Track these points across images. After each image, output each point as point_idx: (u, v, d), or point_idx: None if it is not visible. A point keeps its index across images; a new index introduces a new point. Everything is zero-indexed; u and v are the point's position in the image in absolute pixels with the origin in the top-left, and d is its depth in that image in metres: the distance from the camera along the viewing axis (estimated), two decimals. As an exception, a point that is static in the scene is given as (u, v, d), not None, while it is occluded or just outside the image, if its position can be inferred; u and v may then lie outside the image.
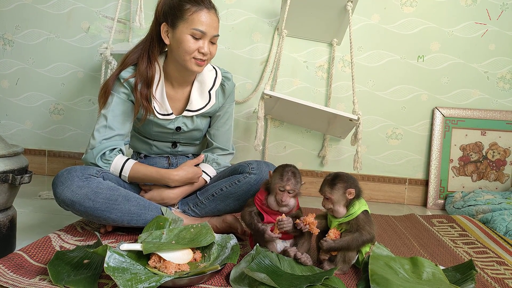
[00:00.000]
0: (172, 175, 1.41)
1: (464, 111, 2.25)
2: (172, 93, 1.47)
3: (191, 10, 1.33)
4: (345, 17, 2.06)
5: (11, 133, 2.43)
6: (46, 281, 1.01)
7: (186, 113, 1.48)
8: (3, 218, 1.17)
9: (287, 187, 1.18)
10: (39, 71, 2.38)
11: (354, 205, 1.18)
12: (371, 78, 2.27)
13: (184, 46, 1.34)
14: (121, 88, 1.41)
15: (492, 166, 2.24)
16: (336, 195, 1.17)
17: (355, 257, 1.19)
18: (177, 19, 1.35)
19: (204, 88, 1.49)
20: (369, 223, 1.18)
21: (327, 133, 2.27)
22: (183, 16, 1.33)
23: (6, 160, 1.15)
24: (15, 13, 2.36)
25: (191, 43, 1.34)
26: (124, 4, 2.27)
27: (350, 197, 1.17)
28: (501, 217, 1.72)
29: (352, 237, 1.16)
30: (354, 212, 1.18)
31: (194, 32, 1.33)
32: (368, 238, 1.16)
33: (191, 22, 1.33)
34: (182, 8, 1.34)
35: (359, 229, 1.16)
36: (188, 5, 1.34)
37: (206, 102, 1.49)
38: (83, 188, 1.26)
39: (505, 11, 2.20)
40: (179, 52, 1.36)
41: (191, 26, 1.33)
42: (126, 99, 1.42)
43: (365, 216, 1.18)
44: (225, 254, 1.17)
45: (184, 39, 1.34)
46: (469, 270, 1.13)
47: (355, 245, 1.16)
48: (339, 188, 1.17)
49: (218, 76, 1.51)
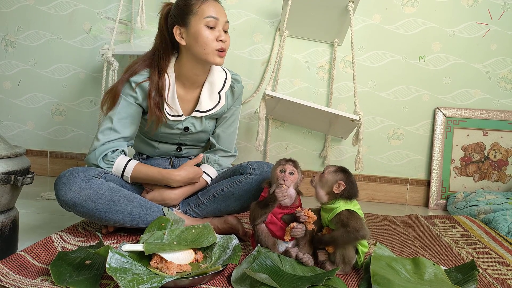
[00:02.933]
0: (174, 175, 1.42)
1: (465, 111, 2.24)
2: (183, 94, 1.49)
3: (197, 3, 1.37)
4: (346, 17, 2.06)
5: (13, 134, 2.44)
6: (48, 282, 1.01)
7: (195, 113, 1.49)
8: (5, 219, 1.18)
9: (286, 167, 1.23)
10: (41, 72, 2.39)
11: (338, 202, 1.19)
12: (373, 79, 2.27)
13: (202, 38, 1.37)
14: (130, 91, 1.42)
15: (494, 166, 2.24)
16: (329, 177, 1.21)
17: (354, 257, 1.18)
18: (187, 16, 1.38)
19: (214, 89, 1.50)
20: (354, 219, 1.16)
21: (328, 133, 2.27)
22: (192, 10, 1.37)
23: (8, 161, 1.16)
24: (17, 15, 2.37)
25: (207, 33, 1.37)
26: (126, 5, 2.28)
27: (335, 189, 1.19)
28: (503, 217, 1.71)
29: (338, 232, 1.17)
30: (336, 209, 1.18)
31: (207, 20, 1.36)
32: (355, 235, 1.14)
33: (201, 12, 1.37)
34: (189, 4, 1.38)
35: (344, 226, 1.16)
36: (194, 0, 1.38)
37: (215, 103, 1.51)
38: (85, 190, 1.27)
39: (507, 11, 2.20)
40: (198, 47, 1.38)
41: (203, 16, 1.36)
42: (133, 103, 1.42)
43: (349, 213, 1.17)
44: (227, 254, 1.17)
45: (200, 32, 1.37)
46: (471, 271, 1.13)
47: (341, 241, 1.16)
48: (336, 175, 1.21)
49: (228, 77, 1.53)
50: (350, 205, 1.19)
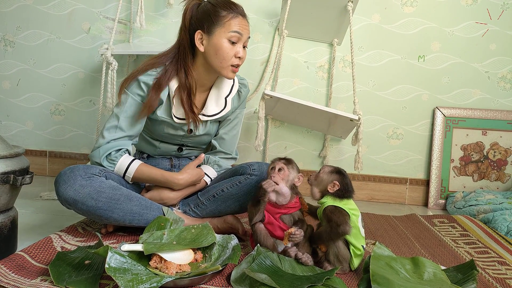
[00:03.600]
0: (177, 179, 1.42)
1: (465, 111, 2.24)
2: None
3: (227, 16, 1.36)
4: (346, 17, 2.06)
5: (12, 134, 2.44)
6: (47, 282, 1.01)
7: (201, 117, 1.49)
8: (4, 219, 1.17)
9: (276, 165, 1.24)
10: (40, 72, 2.39)
11: (326, 197, 1.21)
12: (372, 78, 2.27)
13: (222, 52, 1.36)
14: (137, 90, 1.41)
15: (493, 166, 2.24)
16: (324, 176, 1.23)
17: (347, 254, 1.18)
18: (214, 25, 1.36)
19: (221, 94, 1.51)
20: (337, 214, 1.17)
21: (327, 133, 2.27)
22: (220, 22, 1.36)
23: (7, 161, 1.15)
24: (16, 14, 2.37)
25: (228, 48, 1.37)
26: (125, 5, 2.28)
27: (330, 188, 1.21)
28: (502, 217, 1.72)
29: (322, 228, 1.20)
30: (324, 203, 1.20)
31: (231, 35, 1.36)
32: (336, 230, 1.15)
33: (228, 26, 1.36)
34: (218, 14, 1.36)
35: (328, 221, 1.18)
36: (224, 12, 1.36)
37: (221, 108, 1.51)
38: (86, 187, 1.27)
39: (506, 11, 2.20)
40: (217, 59, 1.38)
41: (229, 30, 1.35)
42: (140, 102, 1.42)
43: (334, 208, 1.18)
44: (226, 254, 1.17)
45: (222, 45, 1.36)
46: (470, 270, 1.13)
47: (326, 236, 1.17)
48: (331, 176, 1.23)
49: (235, 83, 1.54)
50: (340, 203, 1.19)
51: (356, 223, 1.19)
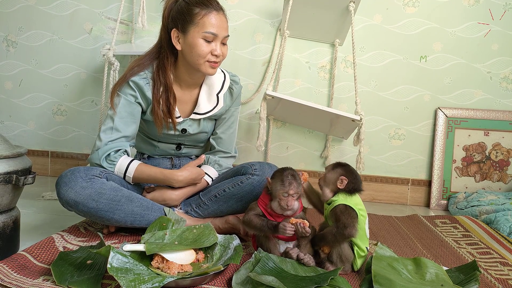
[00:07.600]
0: (176, 176, 1.42)
1: (467, 111, 2.24)
2: (180, 95, 1.48)
3: (200, 13, 1.34)
4: (347, 17, 2.05)
5: (15, 134, 2.44)
6: (49, 282, 1.01)
7: (193, 116, 1.49)
8: (6, 219, 1.18)
9: (291, 192, 1.16)
10: (42, 72, 2.39)
11: (338, 195, 1.19)
12: (374, 79, 2.27)
13: (197, 50, 1.35)
14: (128, 90, 1.41)
15: (495, 167, 2.23)
16: (330, 175, 1.21)
17: (351, 255, 1.18)
18: (187, 24, 1.35)
19: (212, 91, 1.50)
20: (347, 215, 1.15)
21: (329, 133, 2.27)
22: (193, 20, 1.34)
23: (9, 161, 1.16)
24: (18, 15, 2.37)
25: (204, 46, 1.35)
26: (127, 6, 2.28)
27: (339, 185, 1.19)
28: (504, 217, 1.71)
29: (328, 229, 1.18)
30: (335, 201, 1.18)
31: (206, 35, 1.34)
32: (342, 231, 1.14)
33: (202, 25, 1.34)
34: (192, 12, 1.34)
35: (337, 220, 1.16)
36: (197, 9, 1.34)
37: (214, 105, 1.50)
38: (87, 189, 1.27)
39: (508, 11, 2.20)
40: (192, 57, 1.37)
41: (203, 30, 1.34)
42: (133, 101, 1.42)
43: (345, 207, 1.17)
44: (228, 254, 1.17)
45: (196, 43, 1.35)
46: (472, 271, 1.13)
47: (330, 237, 1.16)
48: (336, 172, 1.21)
49: (226, 79, 1.53)
50: (351, 202, 1.18)
51: (363, 225, 1.19)
